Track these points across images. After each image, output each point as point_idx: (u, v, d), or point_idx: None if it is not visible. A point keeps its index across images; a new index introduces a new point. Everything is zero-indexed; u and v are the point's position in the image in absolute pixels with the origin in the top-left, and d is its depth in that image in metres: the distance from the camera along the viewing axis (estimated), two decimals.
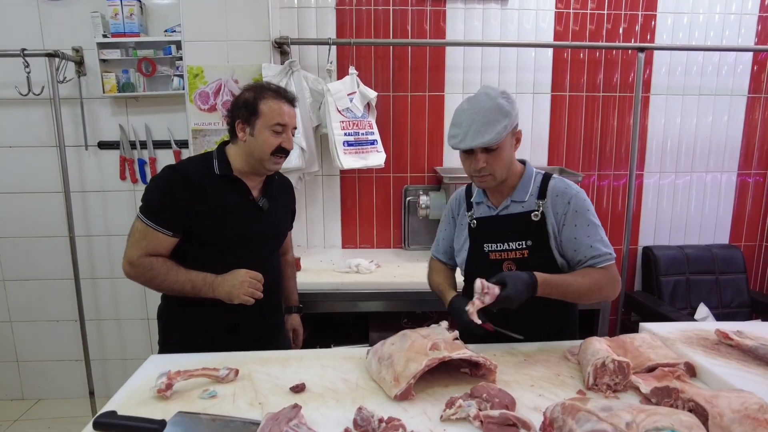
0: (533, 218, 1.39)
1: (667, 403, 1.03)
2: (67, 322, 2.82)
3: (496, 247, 1.43)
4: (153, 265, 1.42)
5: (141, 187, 2.68)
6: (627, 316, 2.85)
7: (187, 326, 1.55)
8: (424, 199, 2.54)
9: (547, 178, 1.44)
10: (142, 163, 2.66)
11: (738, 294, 2.74)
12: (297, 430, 0.94)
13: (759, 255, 2.95)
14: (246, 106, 1.48)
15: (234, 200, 1.50)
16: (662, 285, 2.73)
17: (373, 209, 2.79)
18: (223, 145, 1.57)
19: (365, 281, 2.31)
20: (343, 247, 2.83)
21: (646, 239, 2.90)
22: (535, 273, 1.28)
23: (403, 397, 1.08)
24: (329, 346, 2.34)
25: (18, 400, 2.86)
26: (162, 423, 0.98)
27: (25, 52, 2.32)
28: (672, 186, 2.86)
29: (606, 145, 2.80)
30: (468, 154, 1.34)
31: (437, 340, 1.19)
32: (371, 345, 1.31)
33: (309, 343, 2.44)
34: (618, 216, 2.86)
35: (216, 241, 1.48)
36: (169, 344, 1.56)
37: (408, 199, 2.75)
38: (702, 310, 2.69)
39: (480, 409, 1.01)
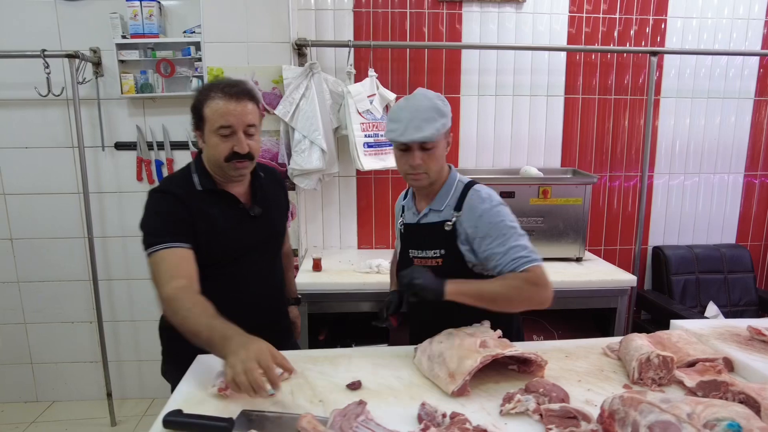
0: (446, 228, 1.42)
1: (715, 396, 1.07)
2: (81, 323, 2.81)
3: (417, 253, 1.47)
4: (184, 299, 1.21)
5: None
6: (637, 315, 2.91)
7: (172, 355, 1.52)
8: None
9: (467, 188, 1.42)
10: (159, 164, 2.66)
11: (746, 293, 2.81)
12: (366, 425, 0.96)
13: (766, 254, 3.03)
14: (194, 112, 1.37)
15: (224, 215, 1.39)
16: (673, 284, 2.79)
17: (388, 210, 2.81)
18: (200, 155, 1.44)
19: (386, 281, 2.33)
20: (359, 247, 2.85)
21: (655, 239, 2.96)
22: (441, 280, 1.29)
23: (460, 393, 1.11)
24: (350, 346, 2.36)
25: (32, 402, 2.84)
26: (230, 421, 0.99)
27: (45, 52, 2.31)
28: (681, 187, 2.92)
29: (617, 147, 2.85)
30: (404, 152, 1.38)
31: (485, 338, 1.22)
32: (390, 345, 1.35)
33: (329, 343, 2.47)
34: (628, 216, 2.91)
35: (214, 261, 1.38)
36: (174, 357, 1.47)
37: None
38: (711, 308, 2.75)
39: (538, 404, 1.04)
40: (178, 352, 1.36)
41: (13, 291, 2.74)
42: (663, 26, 2.75)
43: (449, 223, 1.41)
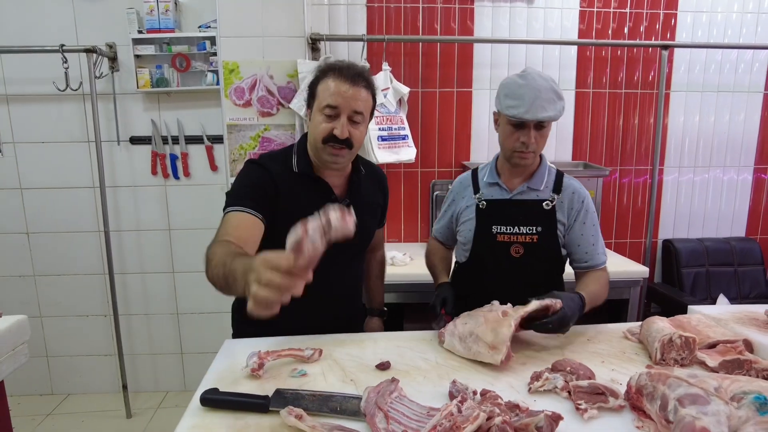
0: (545, 207, 1.47)
1: (738, 374, 1.09)
2: (96, 317, 2.84)
3: (506, 229, 1.49)
4: (213, 249, 1.12)
5: (172, 182, 2.71)
6: (647, 308, 2.92)
7: (256, 326, 1.45)
8: None
9: (560, 174, 1.52)
10: (173, 158, 2.69)
11: (756, 285, 2.82)
12: (401, 401, 0.99)
13: None
14: (310, 88, 1.34)
15: (313, 202, 1.25)
16: (683, 276, 2.80)
17: (400, 204, 2.83)
18: (305, 137, 1.41)
19: (400, 273, 2.36)
20: None
21: (665, 233, 2.98)
22: (579, 292, 1.37)
23: (507, 360, 1.16)
24: None
25: (47, 395, 2.87)
26: (266, 398, 1.02)
27: (64, 48, 2.34)
28: (690, 181, 2.94)
29: (627, 142, 2.87)
30: (517, 128, 1.39)
31: (503, 309, 1.25)
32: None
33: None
34: (638, 211, 2.93)
35: None
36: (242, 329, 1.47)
37: (436, 193, 2.80)
38: (722, 300, 2.77)
39: (566, 381, 1.06)
40: (248, 334, 1.37)
41: (29, 284, 2.77)
42: (673, 21, 2.77)
43: (549, 202, 1.46)
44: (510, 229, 1.48)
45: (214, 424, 0.98)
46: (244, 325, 1.44)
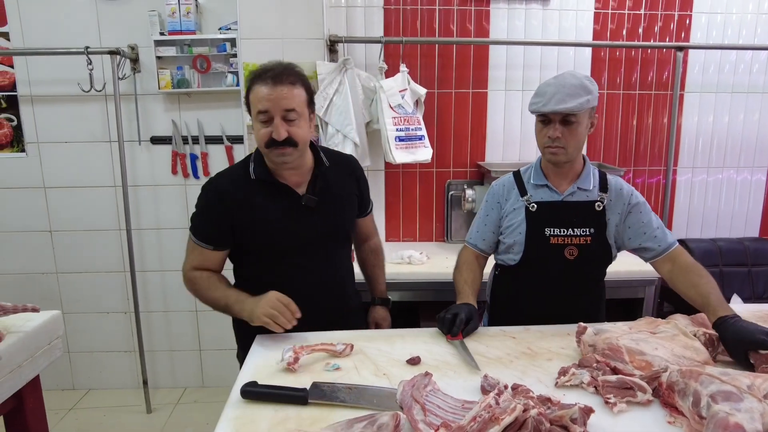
0: (596, 208, 1.48)
1: (765, 369, 1.12)
2: (116, 314, 2.89)
3: (559, 232, 1.48)
4: (196, 279, 1.46)
5: (192, 182, 2.76)
6: (660, 307, 2.94)
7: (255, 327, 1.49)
8: (470, 193, 2.62)
9: (603, 173, 1.54)
10: (194, 157, 2.73)
11: None
12: (435, 395, 1.02)
13: None
14: (245, 98, 1.37)
15: (277, 205, 1.39)
16: None
17: (416, 203, 2.87)
18: None
19: (418, 272, 2.39)
20: (387, 240, 2.90)
21: (678, 233, 2.99)
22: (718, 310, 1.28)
23: None
24: None
25: (69, 390, 2.93)
26: (304, 391, 1.05)
27: (89, 50, 2.39)
28: (704, 181, 2.95)
29: (641, 143, 2.89)
30: (545, 124, 1.41)
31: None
32: None
33: None
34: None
35: (267, 251, 1.42)
36: (245, 343, 1.49)
37: (451, 193, 2.83)
38: (735, 300, 2.78)
39: (593, 377, 1.09)
40: (249, 338, 1.42)
41: (52, 281, 2.82)
42: (688, 22, 2.78)
43: (600, 203, 1.47)
44: (564, 231, 1.48)
45: (256, 416, 1.01)
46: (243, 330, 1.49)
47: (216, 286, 1.42)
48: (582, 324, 1.26)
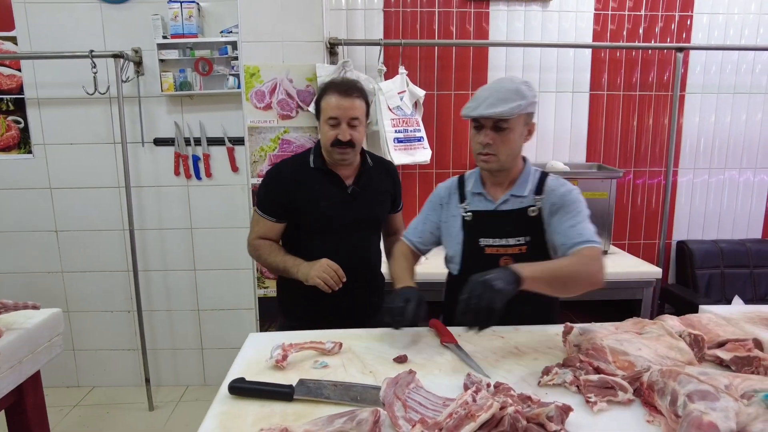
0: (530, 214, 1.42)
1: (747, 371, 1.12)
2: (120, 312, 2.94)
3: (493, 242, 1.44)
4: (260, 246, 1.72)
5: (194, 183, 2.80)
6: (661, 309, 2.93)
7: (285, 313, 1.85)
8: None
9: (545, 175, 1.47)
10: (196, 159, 2.77)
11: None
12: (417, 392, 1.04)
13: None
14: (316, 104, 1.69)
15: (326, 190, 1.67)
16: (697, 278, 2.81)
17: (416, 204, 2.88)
18: (320, 141, 1.72)
19: (418, 272, 2.40)
20: None
21: (680, 234, 2.98)
22: (515, 266, 1.21)
23: None
24: None
25: (74, 387, 2.98)
26: (290, 387, 1.08)
27: (93, 53, 2.44)
28: (705, 183, 2.94)
29: (642, 143, 2.88)
30: (478, 130, 1.37)
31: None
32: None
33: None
34: (653, 212, 2.94)
35: (311, 226, 1.69)
36: (288, 310, 1.85)
37: None
38: (737, 302, 2.77)
39: (576, 376, 1.10)
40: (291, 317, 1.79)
41: (57, 280, 2.88)
42: (689, 23, 2.78)
43: (534, 208, 1.42)
44: (497, 242, 1.43)
45: (242, 411, 1.04)
46: (287, 314, 1.84)
47: (276, 253, 1.70)
48: (568, 324, 1.27)
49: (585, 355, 1.15)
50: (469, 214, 1.47)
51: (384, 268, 1.88)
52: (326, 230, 1.68)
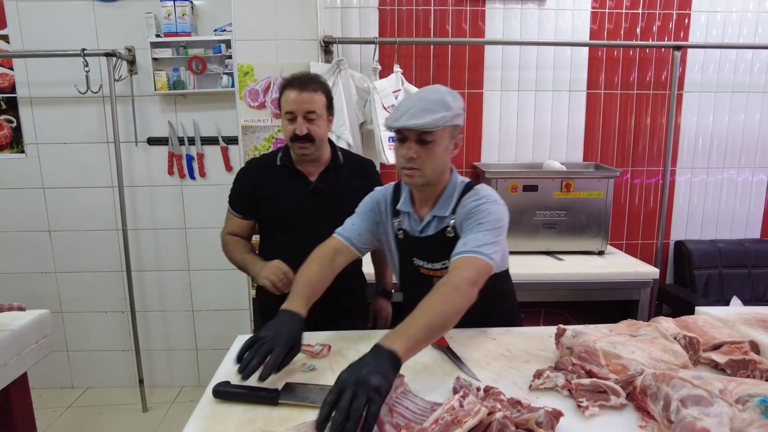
0: (448, 235, 1.32)
1: (743, 374, 1.10)
2: (114, 313, 2.92)
3: (424, 263, 1.38)
4: (228, 242, 1.78)
5: (189, 182, 2.78)
6: (659, 309, 2.91)
7: (258, 315, 1.89)
8: None
9: (468, 188, 1.34)
10: (189, 158, 2.75)
11: None
12: (405, 396, 1.02)
13: None
14: (278, 102, 1.67)
15: (287, 186, 1.68)
16: (695, 278, 2.79)
17: None
18: None
19: None
20: None
21: (677, 234, 2.96)
22: (387, 342, 1.01)
23: None
24: None
25: (68, 389, 2.96)
26: (275, 391, 1.05)
27: (85, 52, 2.41)
28: (704, 182, 2.91)
29: (639, 143, 2.86)
30: (402, 143, 1.28)
31: None
32: None
33: None
34: (650, 212, 2.92)
35: (272, 223, 1.73)
36: (263, 310, 1.83)
37: None
38: (735, 302, 2.74)
39: (568, 380, 1.08)
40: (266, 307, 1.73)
41: (51, 280, 2.86)
42: (686, 21, 2.75)
43: (450, 229, 1.32)
44: (428, 264, 1.37)
45: (226, 416, 1.02)
46: (263, 316, 1.76)
47: (240, 250, 1.74)
48: (561, 326, 1.25)
49: (577, 358, 1.13)
50: (401, 232, 1.41)
51: (366, 268, 1.88)
52: (287, 227, 1.69)
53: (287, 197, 1.68)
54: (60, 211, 2.79)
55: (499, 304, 1.50)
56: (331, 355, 1.26)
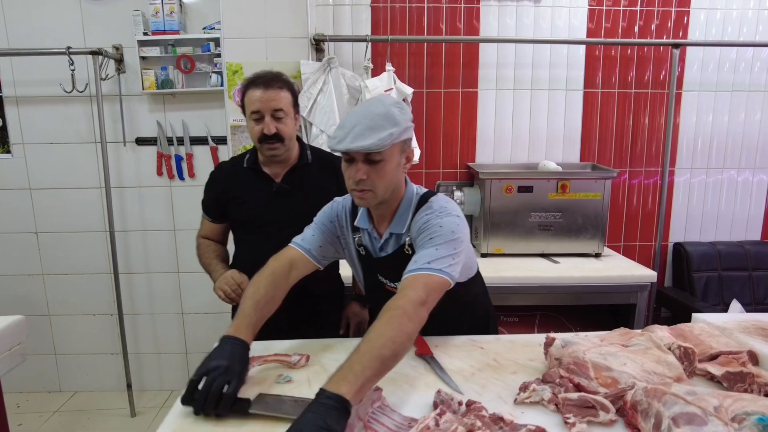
0: (407, 252, 1.25)
1: (740, 388, 1.05)
2: (103, 316, 2.87)
3: (388, 281, 1.32)
4: (198, 245, 1.78)
5: (178, 183, 2.73)
6: (657, 313, 2.86)
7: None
8: (458, 195, 2.55)
9: (423, 201, 1.27)
10: (179, 159, 2.70)
11: None
12: (382, 411, 0.96)
13: None
14: (241, 102, 1.63)
15: (252, 188, 1.65)
16: (694, 281, 2.73)
17: None
18: None
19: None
20: None
21: (676, 236, 2.90)
22: (333, 387, 0.91)
23: None
24: None
25: (56, 392, 2.91)
26: (247, 401, 1.00)
27: (70, 50, 2.36)
28: (703, 183, 2.86)
29: (637, 143, 2.80)
30: (349, 163, 1.19)
31: None
32: None
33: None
34: (649, 213, 2.86)
35: (239, 226, 1.71)
36: None
37: None
38: (735, 306, 2.68)
39: (554, 394, 1.03)
40: None
41: (38, 283, 2.81)
42: (686, 20, 2.69)
43: (407, 246, 1.25)
44: (392, 282, 1.30)
45: (195, 427, 0.97)
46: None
47: (208, 254, 1.72)
48: (550, 335, 1.20)
49: (566, 370, 1.08)
50: (362, 248, 1.35)
51: (343, 271, 1.76)
52: (252, 230, 1.67)
53: (251, 199, 1.65)
54: (47, 212, 2.75)
55: (469, 311, 1.44)
56: (310, 365, 1.21)
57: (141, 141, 2.69)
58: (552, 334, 1.20)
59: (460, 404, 0.99)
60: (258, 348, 1.26)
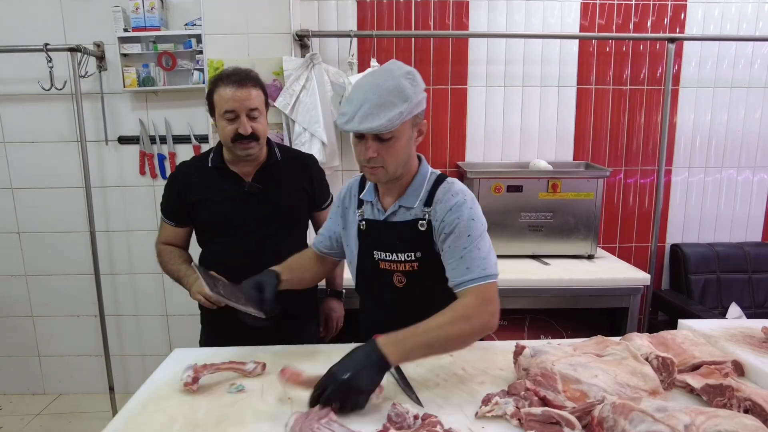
0: (420, 228, 1.22)
1: (719, 402, 0.97)
2: (87, 317, 2.83)
3: (386, 256, 1.27)
4: (161, 252, 1.68)
5: (161, 182, 2.67)
6: (654, 316, 2.77)
7: (206, 325, 1.76)
8: None
9: (439, 181, 1.26)
10: (161, 158, 2.65)
11: None
12: (329, 427, 0.90)
13: None
14: (208, 100, 1.55)
15: (221, 189, 1.58)
16: (692, 283, 2.64)
17: None
18: None
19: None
20: None
21: (674, 237, 2.81)
22: (383, 343, 1.03)
23: None
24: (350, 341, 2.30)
25: (40, 395, 2.87)
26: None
27: (48, 47, 2.32)
28: (701, 182, 2.77)
29: (633, 141, 2.72)
30: (359, 139, 1.15)
31: None
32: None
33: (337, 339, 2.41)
34: (645, 214, 2.77)
35: (208, 229, 1.63)
36: (205, 342, 1.75)
37: None
38: (734, 309, 2.60)
39: (518, 407, 0.96)
40: (216, 331, 1.70)
41: (21, 284, 2.77)
42: (683, 15, 2.61)
43: (423, 222, 1.22)
44: (390, 256, 1.26)
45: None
46: (210, 327, 1.75)
47: (174, 261, 1.63)
48: (520, 343, 1.13)
49: (532, 381, 1.01)
50: (363, 222, 1.31)
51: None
52: (223, 232, 1.60)
53: (221, 200, 1.58)
54: (30, 212, 2.70)
55: None
56: (266, 373, 1.15)
57: (123, 140, 2.64)
58: (522, 342, 1.14)
59: (416, 418, 0.93)
60: (209, 355, 1.21)
